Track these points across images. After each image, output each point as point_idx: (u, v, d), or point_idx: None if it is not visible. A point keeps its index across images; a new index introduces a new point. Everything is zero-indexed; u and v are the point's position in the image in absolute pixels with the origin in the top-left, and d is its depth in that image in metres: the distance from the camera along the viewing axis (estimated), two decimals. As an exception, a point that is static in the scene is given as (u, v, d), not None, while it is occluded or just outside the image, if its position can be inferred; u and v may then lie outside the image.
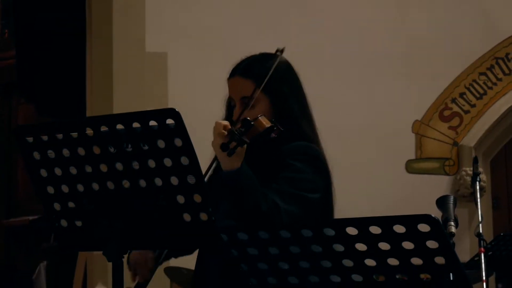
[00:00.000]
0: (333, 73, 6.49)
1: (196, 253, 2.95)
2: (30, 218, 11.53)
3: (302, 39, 6.30)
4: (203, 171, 2.49)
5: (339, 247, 2.20)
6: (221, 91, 3.05)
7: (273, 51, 2.98)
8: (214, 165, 2.83)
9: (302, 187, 2.75)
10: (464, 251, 6.16)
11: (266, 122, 2.69)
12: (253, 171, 2.67)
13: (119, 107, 6.05)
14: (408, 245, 2.13)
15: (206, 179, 2.66)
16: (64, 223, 2.45)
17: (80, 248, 2.70)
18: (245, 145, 2.60)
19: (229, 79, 2.97)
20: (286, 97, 2.92)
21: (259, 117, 2.69)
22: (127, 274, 2.41)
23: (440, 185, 6.59)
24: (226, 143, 2.56)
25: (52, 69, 8.97)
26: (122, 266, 2.35)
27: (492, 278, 5.74)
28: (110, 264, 2.34)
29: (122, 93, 6.16)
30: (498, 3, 6.85)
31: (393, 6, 6.70)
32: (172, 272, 5.16)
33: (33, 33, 8.53)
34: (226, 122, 2.63)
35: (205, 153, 2.91)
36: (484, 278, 4.01)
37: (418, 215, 2.09)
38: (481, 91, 6.79)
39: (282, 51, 2.93)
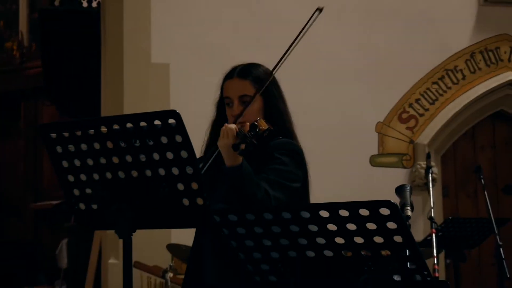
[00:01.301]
0: (310, 81, 6.48)
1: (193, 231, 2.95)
2: (54, 202, 11.51)
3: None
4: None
5: (313, 227, 2.20)
6: (215, 96, 3.04)
7: (260, 61, 2.97)
8: (209, 162, 2.80)
9: (287, 177, 2.74)
10: (418, 232, 6.19)
11: (264, 125, 2.66)
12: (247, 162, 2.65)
13: (129, 108, 6.03)
14: (371, 226, 2.13)
15: (202, 171, 2.65)
16: (82, 206, 2.44)
17: (96, 227, 2.68)
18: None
19: (226, 80, 2.92)
20: (276, 99, 2.91)
21: (259, 120, 2.66)
22: (135, 249, 2.40)
23: (399, 176, 6.59)
24: (237, 143, 2.55)
25: (72, 76, 8.95)
26: (131, 243, 2.34)
27: (442, 255, 5.77)
28: (121, 241, 2.33)
29: (131, 97, 6.14)
30: (449, 24, 6.86)
31: (360, 26, 6.70)
32: (173, 249, 5.15)
33: (56, 46, 8.51)
34: (235, 126, 2.62)
35: (201, 148, 2.92)
36: (435, 254, 4.01)
37: (380, 201, 2.09)
38: (434, 98, 6.80)
39: (321, 10, 2.89)
